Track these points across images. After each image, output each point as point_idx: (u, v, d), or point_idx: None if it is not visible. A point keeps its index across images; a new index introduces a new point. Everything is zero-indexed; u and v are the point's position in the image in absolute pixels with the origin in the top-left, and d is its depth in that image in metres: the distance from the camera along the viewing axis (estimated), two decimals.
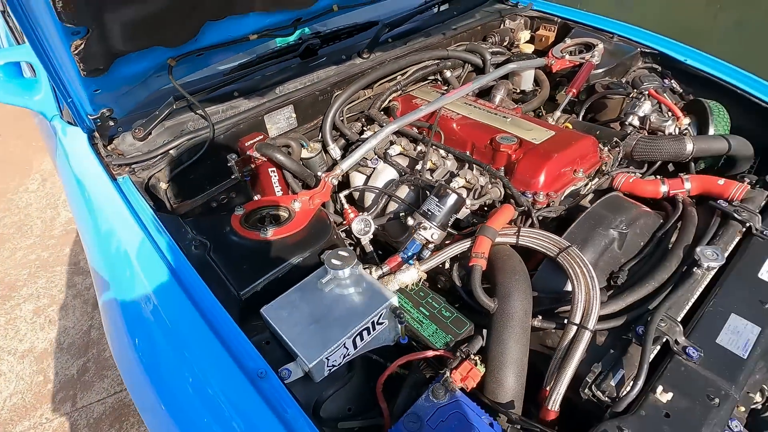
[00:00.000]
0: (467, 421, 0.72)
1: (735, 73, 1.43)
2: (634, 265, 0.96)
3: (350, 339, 0.78)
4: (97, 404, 1.70)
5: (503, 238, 0.97)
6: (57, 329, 2.01)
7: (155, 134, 1.19)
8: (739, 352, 0.80)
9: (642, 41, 1.60)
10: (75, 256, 2.39)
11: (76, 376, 1.81)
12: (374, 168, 1.26)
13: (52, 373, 1.84)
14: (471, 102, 1.36)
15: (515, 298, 0.86)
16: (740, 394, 0.76)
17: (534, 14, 1.85)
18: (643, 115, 1.32)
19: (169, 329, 0.86)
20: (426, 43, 1.58)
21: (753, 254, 0.95)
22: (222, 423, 0.73)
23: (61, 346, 1.94)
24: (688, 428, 0.70)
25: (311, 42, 1.40)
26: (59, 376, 1.82)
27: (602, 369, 0.81)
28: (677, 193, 1.12)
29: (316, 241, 0.96)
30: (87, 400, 1.72)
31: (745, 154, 1.23)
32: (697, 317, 0.86)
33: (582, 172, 1.14)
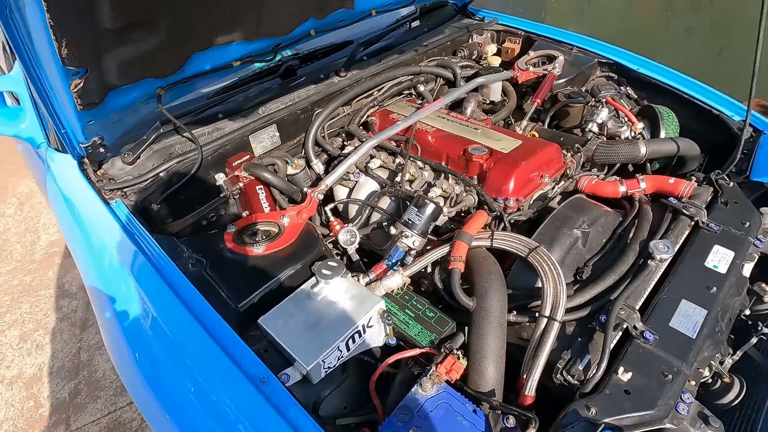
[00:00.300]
0: (453, 409, 0.80)
1: (682, 79, 1.57)
2: (596, 261, 1.06)
3: (343, 342, 0.85)
4: (92, 425, 1.71)
5: (479, 241, 1.06)
6: (45, 353, 2.01)
7: (144, 158, 1.24)
8: (689, 333, 0.90)
9: (599, 52, 1.73)
10: (59, 279, 2.38)
11: (68, 399, 1.81)
12: (356, 181, 1.33)
13: (43, 397, 1.84)
14: (444, 115, 1.45)
15: (491, 296, 0.94)
16: (691, 370, 0.85)
17: (499, 28, 1.97)
18: (601, 122, 1.43)
19: (170, 343, 0.92)
20: (399, 60, 1.67)
21: (700, 245, 1.06)
22: (227, 426, 0.78)
23: (51, 370, 1.94)
24: (646, 402, 0.79)
25: (290, 63, 1.48)
26: (51, 400, 1.82)
27: (571, 356, 0.90)
28: (634, 192, 1.23)
29: (306, 254, 1.02)
30: (81, 422, 1.73)
31: (693, 155, 1.35)
32: (652, 304, 0.96)
33: (548, 177, 1.24)
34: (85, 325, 2.10)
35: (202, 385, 0.85)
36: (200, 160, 1.21)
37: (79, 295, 2.26)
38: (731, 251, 1.04)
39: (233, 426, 0.79)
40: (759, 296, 1.03)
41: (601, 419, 0.77)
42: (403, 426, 0.77)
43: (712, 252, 1.05)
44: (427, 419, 0.78)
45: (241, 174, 1.21)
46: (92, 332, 2.06)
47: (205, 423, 0.83)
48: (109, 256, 1.04)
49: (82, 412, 1.76)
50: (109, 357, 1.94)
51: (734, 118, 1.40)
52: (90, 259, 1.11)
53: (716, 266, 1.02)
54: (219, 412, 0.81)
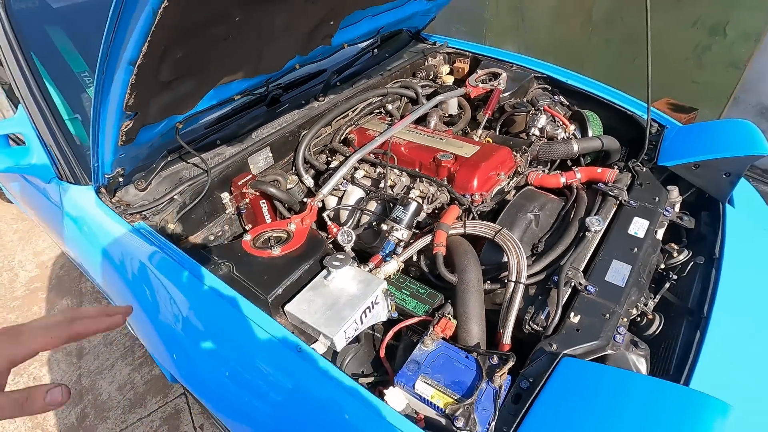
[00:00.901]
0: (450, 358, 1.01)
1: (602, 88, 1.90)
2: (547, 237, 1.32)
3: (358, 316, 1.06)
4: None
5: (454, 230, 1.30)
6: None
7: (155, 184, 1.40)
8: (620, 284, 1.16)
9: (534, 68, 2.04)
10: (46, 313, 2.40)
11: (77, 423, 1.87)
12: (344, 190, 1.55)
13: (50, 425, 1.88)
14: (413, 129, 1.70)
15: (469, 271, 1.17)
16: (623, 310, 1.10)
17: (450, 50, 2.26)
18: (541, 126, 1.73)
19: (203, 337, 1.09)
20: (368, 84, 1.91)
21: (623, 218, 1.34)
22: (260, 396, 0.96)
23: None
24: (592, 336, 1.03)
25: (275, 92, 1.68)
26: (59, 426, 1.87)
27: (534, 310, 1.13)
28: (572, 181, 1.51)
29: (315, 252, 1.22)
30: None
31: (615, 148, 1.67)
32: (592, 265, 1.21)
33: (503, 174, 1.51)
34: (82, 353, 2.16)
35: (236, 367, 1.03)
36: (209, 181, 1.38)
37: None
38: (647, 221, 1.32)
39: (266, 394, 0.97)
40: (669, 253, 1.33)
41: (560, 351, 1.01)
42: (413, 374, 0.98)
43: (633, 222, 1.32)
44: (431, 367, 0.99)
45: (248, 191, 1.39)
46: (90, 359, 2.12)
47: (241, 398, 1.01)
48: (143, 271, 1.19)
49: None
50: (112, 379, 2.02)
51: (644, 117, 1.73)
52: (122, 278, 1.25)
53: (636, 233, 1.29)
54: (253, 386, 0.99)
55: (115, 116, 0.87)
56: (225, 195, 1.46)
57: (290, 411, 0.93)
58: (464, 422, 0.86)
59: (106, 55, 0.73)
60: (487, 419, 0.88)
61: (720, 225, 1.37)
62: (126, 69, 0.75)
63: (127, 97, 0.80)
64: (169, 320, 1.16)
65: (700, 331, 1.09)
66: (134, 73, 0.75)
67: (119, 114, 0.87)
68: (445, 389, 0.94)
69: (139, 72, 0.75)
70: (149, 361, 2.10)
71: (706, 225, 1.42)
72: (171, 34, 0.72)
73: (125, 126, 0.92)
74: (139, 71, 0.75)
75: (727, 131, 1.51)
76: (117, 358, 2.13)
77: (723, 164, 1.38)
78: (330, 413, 0.89)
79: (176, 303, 1.13)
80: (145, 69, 0.75)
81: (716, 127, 1.57)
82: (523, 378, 0.96)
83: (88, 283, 2.58)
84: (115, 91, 0.80)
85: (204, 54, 0.92)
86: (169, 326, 1.17)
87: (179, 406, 1.93)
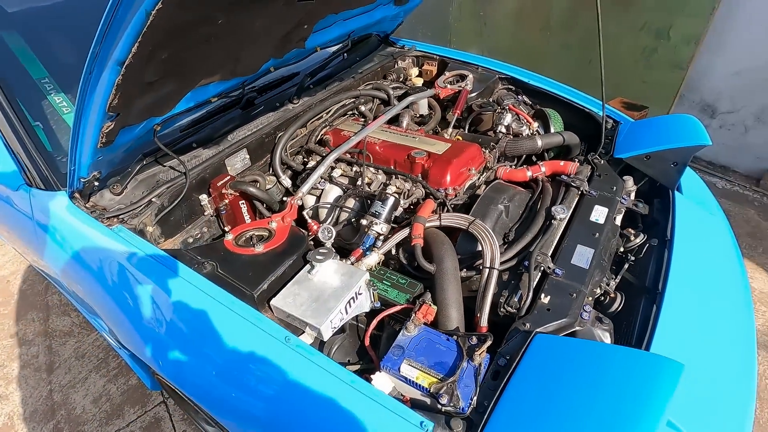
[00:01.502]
0: (432, 341, 1.07)
1: (562, 87, 2.02)
2: (517, 227, 1.41)
3: (343, 306, 1.10)
4: None
5: (431, 223, 1.36)
6: (13, 402, 1.96)
7: (131, 188, 1.39)
8: (584, 266, 1.25)
9: (498, 69, 2.15)
10: (9, 329, 2.30)
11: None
12: (323, 189, 1.59)
13: None
14: (386, 129, 1.76)
15: (446, 260, 1.24)
16: (588, 290, 1.19)
17: (418, 54, 2.34)
18: (507, 124, 1.83)
19: (187, 339, 1.10)
20: (341, 86, 1.96)
21: (585, 207, 1.44)
22: (248, 390, 0.99)
23: (24, 416, 1.90)
24: (561, 314, 1.11)
25: (250, 95, 1.70)
26: None
27: (508, 293, 1.20)
28: (538, 175, 1.61)
29: (297, 248, 1.25)
30: None
31: (575, 143, 1.78)
32: (559, 250, 1.30)
33: (474, 169, 1.59)
34: (52, 368, 2.08)
35: (226, 364, 1.05)
36: (187, 183, 1.39)
37: (37, 341, 2.21)
38: (606, 208, 1.42)
39: (259, 387, 1.00)
40: (627, 237, 1.44)
41: (533, 329, 1.08)
42: (398, 358, 1.03)
43: (594, 210, 1.42)
44: (414, 350, 1.05)
45: (227, 192, 1.40)
46: (61, 373, 2.05)
47: (229, 394, 1.03)
48: (123, 276, 1.19)
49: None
50: (86, 392, 1.96)
51: (600, 114, 1.86)
52: (101, 283, 1.24)
53: (597, 219, 1.39)
54: (240, 381, 1.02)
55: (97, 116, 0.88)
56: (203, 197, 1.46)
57: (283, 400, 0.96)
58: (448, 399, 0.92)
59: (95, 55, 0.74)
60: (469, 395, 0.94)
61: (671, 210, 1.49)
62: (113, 69, 0.76)
63: (112, 97, 0.82)
64: (153, 324, 1.16)
65: (656, 306, 1.19)
66: (121, 74, 0.77)
67: (101, 115, 0.88)
68: (428, 370, 0.99)
69: (126, 72, 0.77)
70: (125, 371, 2.05)
71: (659, 211, 1.55)
72: (159, 35, 0.75)
73: (106, 127, 0.93)
74: (126, 72, 0.77)
75: (674, 125, 1.64)
76: (90, 371, 2.07)
77: (671, 154, 1.51)
78: (322, 398, 0.93)
79: (161, 305, 1.14)
80: (132, 69, 0.77)
81: (664, 121, 1.71)
82: (500, 356, 1.03)
83: (55, 296, 2.48)
84: (100, 92, 0.81)
85: (186, 55, 0.94)
86: (153, 330, 1.17)
87: (159, 414, 1.90)
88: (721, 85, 2.98)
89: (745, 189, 3.04)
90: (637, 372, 0.86)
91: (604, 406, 0.83)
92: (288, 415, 0.95)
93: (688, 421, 0.93)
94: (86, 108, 0.86)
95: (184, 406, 1.70)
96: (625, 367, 0.88)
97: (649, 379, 0.84)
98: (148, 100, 0.98)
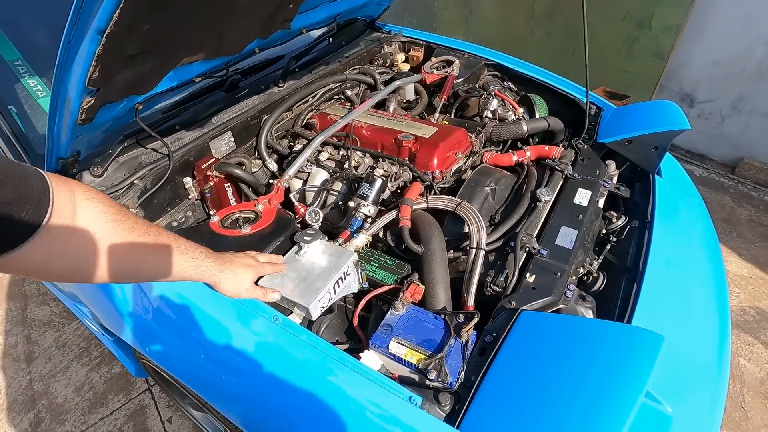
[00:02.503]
0: (420, 320, 1.08)
1: (546, 74, 2.04)
2: (503, 209, 1.43)
3: (332, 286, 1.10)
4: None
5: (418, 205, 1.37)
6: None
7: (112, 170, 1.36)
8: (568, 246, 1.27)
9: (484, 56, 2.15)
10: None
11: (31, 429, 1.77)
12: (309, 173, 1.57)
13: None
14: (373, 113, 1.75)
15: (434, 241, 1.25)
16: (571, 269, 1.23)
17: (404, 39, 2.33)
18: (493, 110, 1.84)
19: (175, 325, 1.09)
20: (327, 70, 1.93)
21: (569, 190, 1.46)
22: (236, 372, 0.99)
23: (2, 406, 1.86)
24: (546, 292, 1.14)
25: (234, 77, 1.67)
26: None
27: (495, 273, 1.22)
28: (523, 159, 1.63)
29: (284, 230, 1.25)
30: None
31: (559, 128, 1.81)
32: (544, 231, 1.33)
33: (461, 153, 1.60)
34: (31, 358, 2.03)
35: (210, 347, 1.05)
36: (171, 165, 1.36)
37: (15, 331, 2.16)
38: (589, 191, 1.45)
39: (241, 368, 1.00)
40: (609, 219, 1.47)
41: (519, 307, 1.11)
42: (387, 336, 1.04)
43: (577, 193, 1.44)
44: (403, 329, 1.06)
45: (212, 174, 1.38)
46: (42, 362, 2.01)
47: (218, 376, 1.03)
48: None
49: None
50: (68, 382, 1.93)
51: (584, 100, 1.88)
52: None
53: (581, 202, 1.42)
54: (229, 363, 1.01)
55: (76, 91, 0.86)
56: (187, 180, 1.44)
57: (273, 380, 0.96)
58: (436, 374, 0.93)
59: (74, 22, 0.71)
60: (456, 370, 0.95)
61: (651, 193, 1.53)
62: (94, 38, 0.74)
63: (92, 69, 0.79)
64: (139, 309, 1.15)
65: (636, 284, 1.23)
66: (102, 44, 0.74)
67: (81, 89, 0.85)
68: (417, 347, 1.00)
69: (107, 42, 0.74)
70: (108, 360, 2.02)
71: (639, 194, 1.59)
72: (141, 4, 0.72)
73: (86, 103, 0.90)
74: (107, 42, 0.74)
75: (654, 111, 1.68)
76: (72, 360, 2.03)
77: (652, 139, 1.54)
78: (312, 376, 0.93)
79: (146, 289, 1.12)
80: (113, 40, 0.75)
81: (645, 107, 1.75)
82: (487, 333, 1.05)
83: (33, 285, 2.42)
84: (79, 63, 0.79)
85: (169, 29, 0.91)
86: (140, 315, 1.15)
87: (144, 401, 1.88)
88: (699, 74, 3.04)
89: (720, 176, 3.13)
90: (619, 344, 0.89)
91: (588, 378, 0.86)
92: (278, 394, 0.96)
93: (665, 393, 0.97)
94: (65, 81, 0.83)
95: (170, 391, 1.68)
96: (608, 340, 0.91)
97: (631, 350, 0.87)
98: (129, 75, 0.95)
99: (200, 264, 0.90)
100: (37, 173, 0.60)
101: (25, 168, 0.59)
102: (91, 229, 0.65)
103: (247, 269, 0.99)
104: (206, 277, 0.92)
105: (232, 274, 0.96)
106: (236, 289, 0.97)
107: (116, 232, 0.69)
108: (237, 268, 0.97)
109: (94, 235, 0.66)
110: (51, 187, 0.60)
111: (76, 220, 0.63)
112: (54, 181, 0.62)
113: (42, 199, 0.58)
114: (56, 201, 0.60)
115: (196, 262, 0.89)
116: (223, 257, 0.97)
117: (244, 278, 0.98)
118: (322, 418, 0.90)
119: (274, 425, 0.98)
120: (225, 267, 0.95)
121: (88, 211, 0.65)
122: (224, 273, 0.94)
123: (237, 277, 0.96)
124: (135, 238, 0.73)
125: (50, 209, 0.59)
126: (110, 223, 0.68)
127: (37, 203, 0.57)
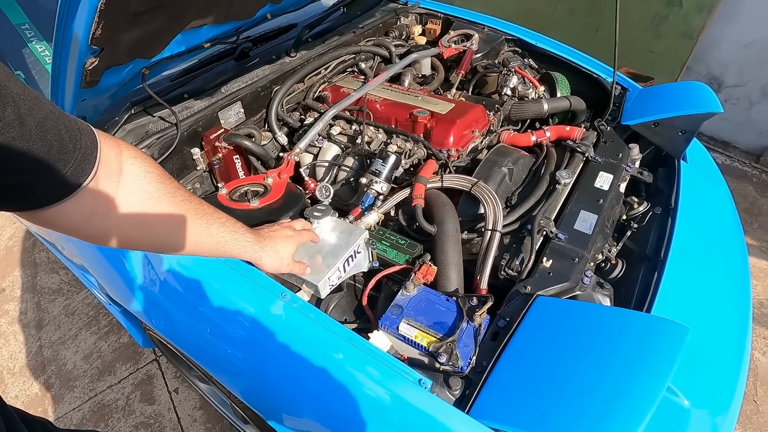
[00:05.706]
0: (432, 301, 1.05)
1: (570, 51, 1.95)
2: (520, 191, 1.37)
3: (342, 264, 1.07)
4: (74, 412, 1.73)
5: (432, 184, 1.32)
6: (1, 357, 1.94)
7: (118, 137, 1.32)
8: (587, 231, 1.23)
9: (505, 30, 2.06)
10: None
11: (41, 394, 1.80)
12: (320, 147, 1.53)
13: (11, 396, 1.80)
14: (387, 87, 1.69)
15: (448, 221, 1.21)
16: (590, 255, 1.18)
17: (422, 11, 2.23)
18: (513, 87, 1.76)
19: (181, 297, 1.07)
20: (341, 41, 1.86)
21: (590, 172, 1.41)
22: (242, 347, 0.97)
23: (12, 371, 1.89)
24: (563, 278, 1.10)
25: (245, 45, 1.61)
26: (21, 398, 1.79)
27: (510, 256, 1.19)
28: (542, 140, 1.56)
29: (294, 205, 1.21)
30: (61, 411, 1.74)
31: (581, 108, 1.73)
32: (562, 215, 1.28)
33: (478, 131, 1.54)
34: (41, 324, 2.06)
35: (217, 323, 1.02)
36: (178, 135, 1.32)
37: (25, 297, 2.18)
38: (611, 175, 1.39)
39: (248, 344, 0.98)
40: (630, 205, 1.42)
41: (534, 292, 1.07)
42: (397, 317, 1.01)
43: (599, 176, 1.39)
44: (413, 310, 1.03)
45: (221, 145, 1.34)
46: (51, 329, 2.03)
47: (224, 351, 1.01)
48: None
49: (60, 403, 1.77)
50: (77, 349, 1.95)
51: (608, 80, 1.80)
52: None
53: (602, 186, 1.36)
54: (236, 338, 0.99)
55: (79, 51, 0.81)
56: (195, 150, 1.40)
57: (280, 357, 0.94)
58: (447, 358, 0.90)
59: None
60: (468, 354, 0.92)
61: (675, 179, 1.46)
62: None
63: (95, 27, 0.75)
64: (146, 281, 1.13)
65: (657, 272, 1.18)
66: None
67: (84, 48, 0.81)
68: (428, 329, 0.97)
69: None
70: (116, 329, 2.03)
71: (663, 179, 1.52)
72: None
73: (90, 64, 0.86)
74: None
75: (684, 92, 1.59)
76: (80, 328, 2.05)
77: (679, 122, 1.47)
78: (319, 354, 0.91)
79: (154, 261, 1.09)
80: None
81: (674, 88, 1.66)
82: (500, 318, 1.02)
83: (43, 253, 2.43)
84: (81, 20, 0.74)
85: None
86: (146, 288, 1.13)
87: (151, 371, 1.90)
88: (730, 57, 2.90)
89: (744, 165, 3.03)
90: (641, 334, 0.85)
91: (607, 370, 0.82)
92: (285, 371, 0.94)
93: (682, 385, 0.93)
94: (66, 39, 0.78)
95: (177, 363, 1.69)
96: (629, 330, 0.87)
97: (654, 341, 0.83)
98: (135, 35, 0.90)
99: (241, 238, 0.86)
100: (87, 128, 0.59)
101: (77, 122, 0.58)
102: (136, 187, 0.64)
103: (286, 242, 0.95)
104: (246, 253, 0.88)
105: (273, 250, 0.92)
106: (278, 266, 0.93)
107: (160, 194, 0.68)
108: (277, 243, 0.93)
109: (138, 194, 0.65)
110: (99, 144, 0.59)
111: (122, 179, 0.62)
112: (102, 138, 0.61)
113: (90, 155, 0.56)
114: (103, 158, 0.59)
115: (236, 236, 0.85)
116: (260, 232, 0.93)
117: (285, 253, 0.94)
118: (328, 398, 0.88)
119: (279, 402, 0.97)
120: (266, 243, 0.91)
121: (134, 169, 0.64)
122: (265, 250, 0.90)
123: (278, 253, 0.93)
124: (178, 204, 0.71)
125: (96, 166, 0.58)
126: (154, 184, 0.67)
127: (85, 159, 0.56)
